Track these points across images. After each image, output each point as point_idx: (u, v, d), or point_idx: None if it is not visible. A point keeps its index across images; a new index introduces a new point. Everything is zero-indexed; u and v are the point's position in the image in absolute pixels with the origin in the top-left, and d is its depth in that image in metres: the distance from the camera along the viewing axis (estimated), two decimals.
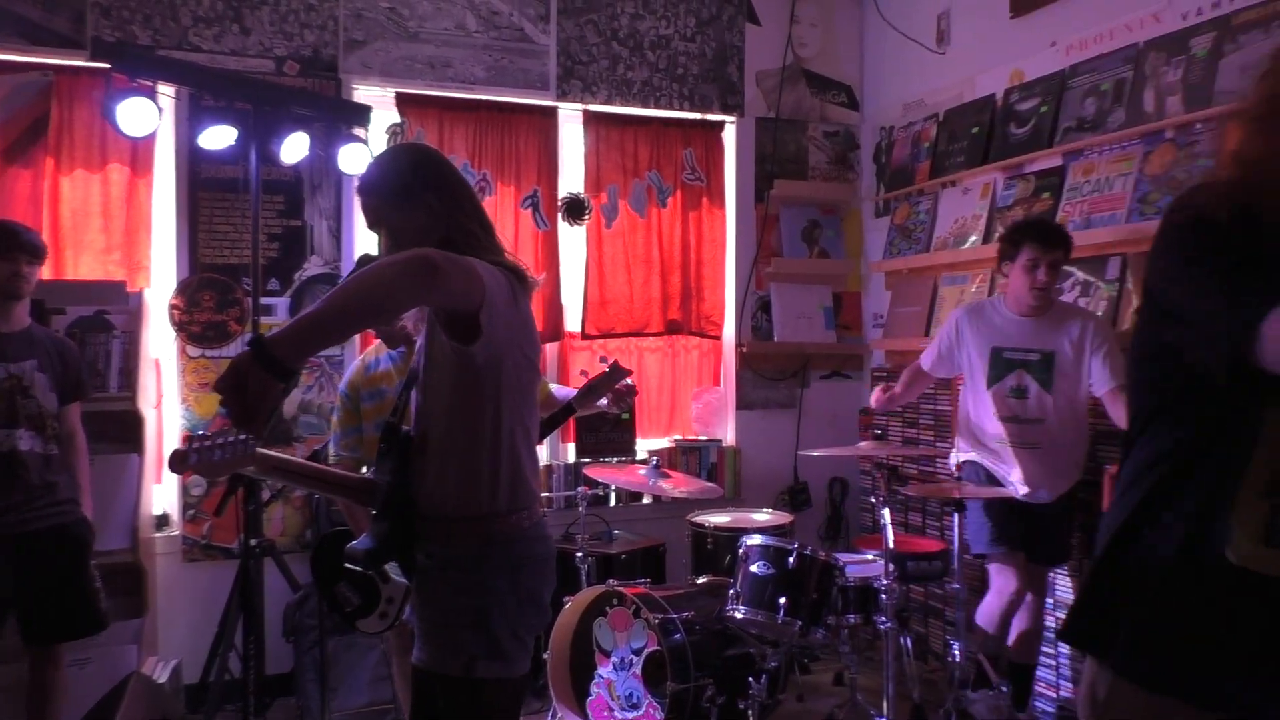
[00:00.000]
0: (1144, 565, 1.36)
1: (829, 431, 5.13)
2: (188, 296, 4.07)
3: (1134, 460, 1.41)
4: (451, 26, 4.50)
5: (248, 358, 1.46)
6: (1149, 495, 1.37)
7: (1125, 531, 1.39)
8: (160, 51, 4.04)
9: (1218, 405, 1.29)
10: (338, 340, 1.75)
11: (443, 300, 1.72)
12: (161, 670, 3.58)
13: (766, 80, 5.12)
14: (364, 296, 1.57)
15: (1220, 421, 1.29)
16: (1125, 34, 3.62)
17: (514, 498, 1.90)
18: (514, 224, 4.60)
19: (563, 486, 4.64)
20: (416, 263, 1.60)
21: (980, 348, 3.50)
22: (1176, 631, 1.31)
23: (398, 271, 1.60)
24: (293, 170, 4.18)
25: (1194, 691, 1.29)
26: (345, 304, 1.55)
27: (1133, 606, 1.35)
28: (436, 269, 1.60)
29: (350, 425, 3.09)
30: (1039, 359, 3.38)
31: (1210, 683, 1.28)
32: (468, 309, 1.72)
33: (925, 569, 3.81)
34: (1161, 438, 1.37)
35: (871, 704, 3.50)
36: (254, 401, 1.47)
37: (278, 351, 1.47)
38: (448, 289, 1.66)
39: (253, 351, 1.46)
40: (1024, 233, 3.36)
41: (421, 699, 1.92)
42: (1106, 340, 3.30)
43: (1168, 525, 1.33)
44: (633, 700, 3.36)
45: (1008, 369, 3.44)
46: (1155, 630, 1.33)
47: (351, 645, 3.91)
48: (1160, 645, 1.33)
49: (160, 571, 3.98)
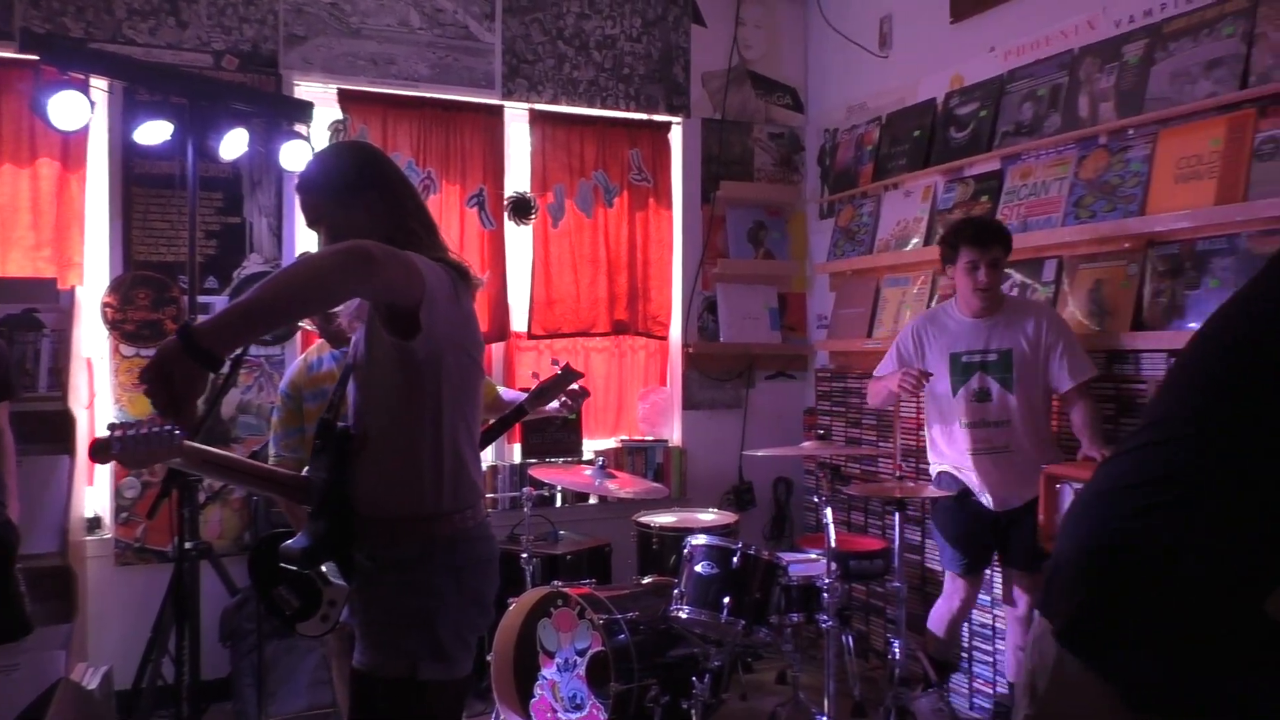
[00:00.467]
0: (1175, 585, 1.25)
1: (774, 432, 5.16)
2: (121, 294, 3.98)
3: (1189, 463, 1.29)
4: (394, 23, 4.45)
5: (174, 346, 1.42)
6: (1205, 514, 1.25)
7: (1147, 536, 1.28)
8: (93, 44, 3.94)
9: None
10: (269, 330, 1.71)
11: (379, 292, 1.69)
12: (91, 676, 3.49)
13: (712, 82, 5.14)
14: (296, 286, 1.54)
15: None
16: (1061, 40, 3.70)
17: (457, 496, 1.87)
18: (459, 223, 4.56)
19: (508, 487, 4.61)
20: (352, 252, 1.57)
21: (940, 355, 3.45)
22: (1191, 665, 1.24)
23: (332, 261, 1.57)
24: (231, 167, 4.11)
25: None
26: (276, 293, 1.52)
27: (1150, 626, 1.26)
28: (372, 259, 1.57)
29: (292, 425, 3.04)
30: (997, 358, 3.33)
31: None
32: (407, 303, 1.70)
33: (867, 567, 3.85)
34: (1252, 464, 1.24)
35: (813, 702, 3.53)
36: (181, 391, 1.42)
37: (204, 341, 1.43)
38: (384, 280, 1.63)
39: (179, 340, 1.42)
40: (959, 235, 3.33)
41: (361, 702, 1.89)
42: (1062, 334, 3.27)
43: (1216, 553, 1.23)
44: (576, 701, 3.35)
45: (967, 373, 3.39)
46: (1171, 657, 1.25)
47: (291, 649, 3.85)
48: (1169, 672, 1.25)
49: (92, 575, 3.88)
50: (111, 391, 4.00)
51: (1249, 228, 2.94)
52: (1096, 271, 3.43)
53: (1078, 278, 3.50)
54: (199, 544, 3.38)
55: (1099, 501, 1.39)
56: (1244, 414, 1.25)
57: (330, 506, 1.87)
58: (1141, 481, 1.32)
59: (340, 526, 1.86)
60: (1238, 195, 2.94)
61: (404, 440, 1.84)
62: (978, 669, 3.91)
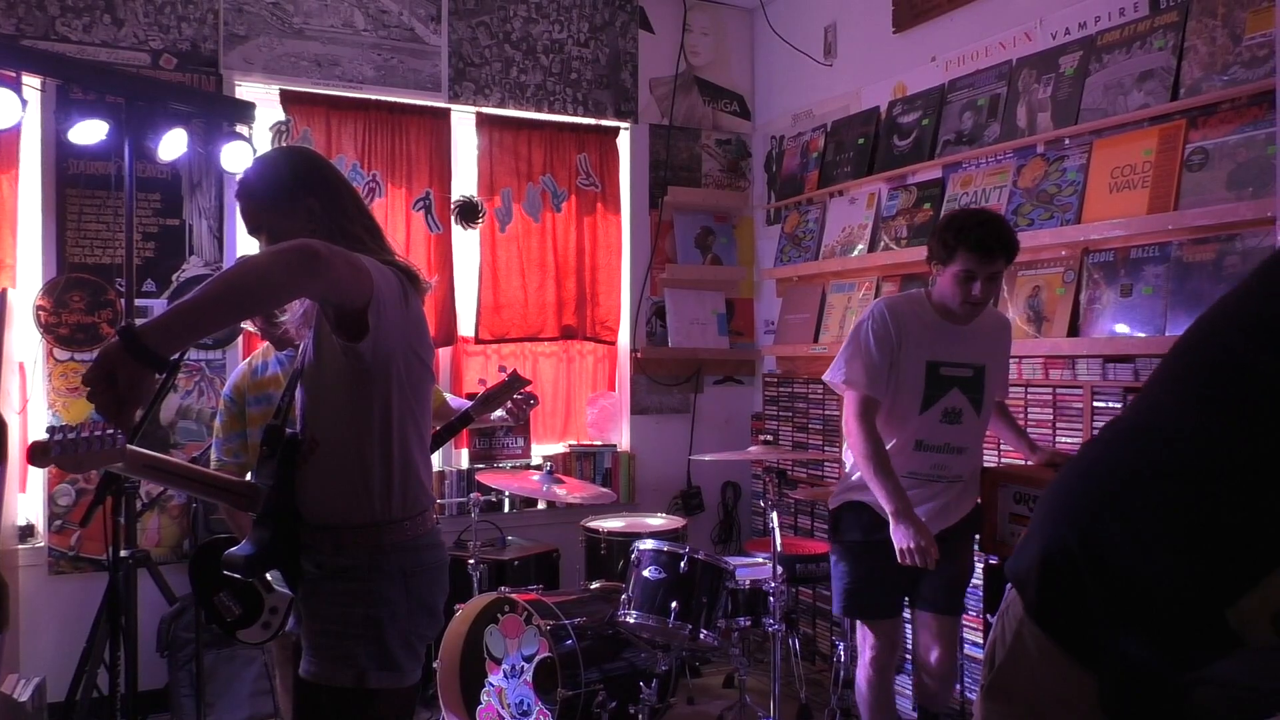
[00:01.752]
0: (1137, 573, 1.23)
1: (722, 436, 5.19)
2: (55, 297, 3.88)
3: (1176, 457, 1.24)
4: (338, 24, 4.40)
5: (117, 347, 1.39)
6: (1182, 514, 1.21)
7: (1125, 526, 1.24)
8: (25, 41, 3.84)
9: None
10: (215, 330, 1.68)
11: (327, 291, 1.66)
12: (23, 689, 3.39)
13: (660, 87, 5.16)
14: (241, 285, 1.52)
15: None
16: (1000, 51, 3.77)
17: (406, 502, 1.86)
18: (405, 227, 4.52)
19: (455, 493, 4.58)
20: (298, 251, 1.56)
21: (915, 360, 2.83)
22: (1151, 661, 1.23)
23: (278, 259, 1.55)
24: (170, 168, 4.03)
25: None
26: (222, 292, 1.50)
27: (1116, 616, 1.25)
28: (318, 257, 1.56)
29: (235, 430, 2.99)
30: (971, 375, 2.87)
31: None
32: (355, 304, 1.68)
33: (813, 571, 3.88)
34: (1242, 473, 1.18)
35: (760, 705, 3.55)
36: (125, 393, 1.40)
37: (148, 340, 1.40)
38: (331, 279, 1.61)
39: (122, 341, 1.39)
40: (961, 237, 2.73)
41: (308, 712, 1.86)
42: (1009, 348, 3.08)
43: (1191, 552, 1.19)
44: (523, 708, 3.33)
45: (944, 388, 2.85)
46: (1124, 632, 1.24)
47: (232, 658, 3.78)
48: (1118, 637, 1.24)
49: (24, 585, 3.77)
50: (45, 396, 3.89)
51: (1179, 236, 3.02)
52: (1034, 278, 3.51)
53: (1016, 284, 3.57)
54: (136, 552, 3.31)
55: (1083, 482, 1.36)
56: (1220, 417, 1.23)
57: (276, 514, 1.84)
58: (1124, 473, 1.29)
59: (285, 534, 1.84)
60: (1169, 205, 3.02)
61: (352, 446, 1.82)
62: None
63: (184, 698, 3.67)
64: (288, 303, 1.84)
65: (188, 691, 3.64)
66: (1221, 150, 2.91)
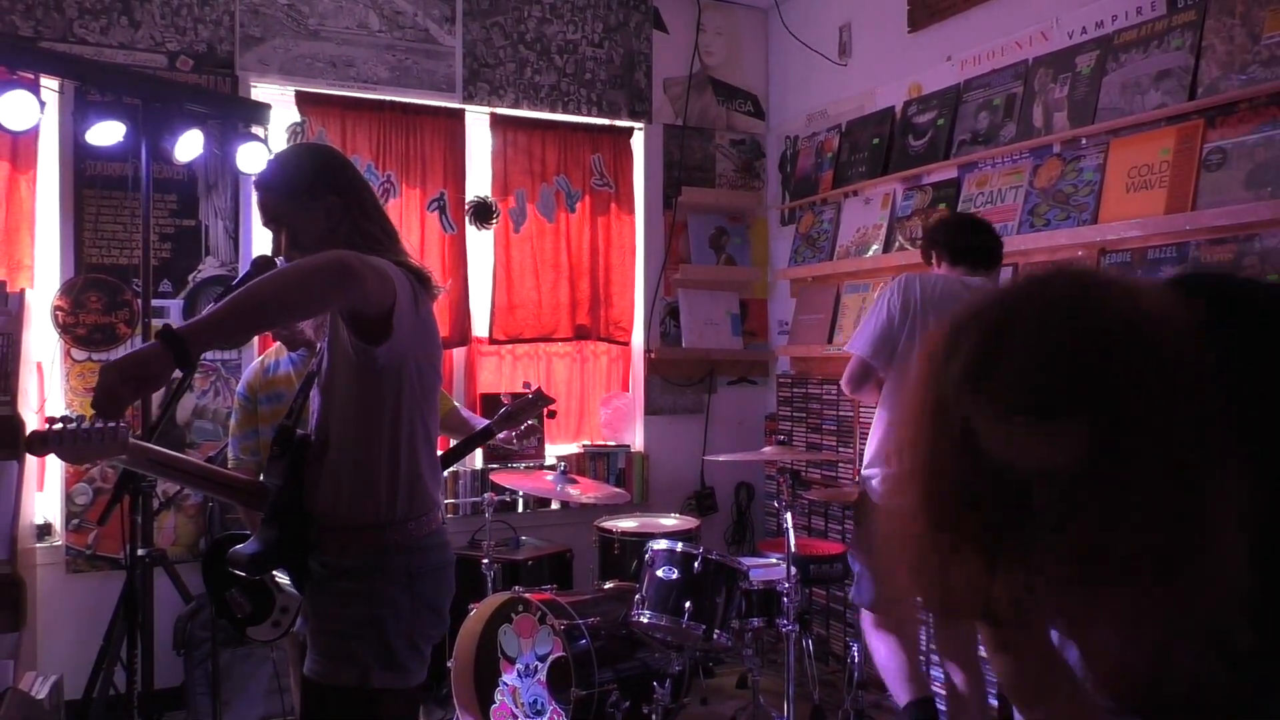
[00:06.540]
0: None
1: (735, 437, 5.18)
2: (73, 298, 3.91)
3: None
4: (353, 25, 4.42)
5: (159, 351, 1.44)
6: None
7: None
8: (43, 43, 3.87)
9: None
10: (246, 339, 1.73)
11: (356, 302, 1.69)
12: (40, 686, 3.42)
13: (674, 88, 5.16)
14: (281, 297, 1.57)
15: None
16: (1015, 51, 3.75)
17: (411, 504, 1.87)
18: (420, 227, 4.53)
19: (470, 493, 4.59)
20: (333, 265, 1.60)
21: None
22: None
23: (315, 272, 1.59)
24: (186, 169, 4.05)
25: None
26: (262, 301, 1.54)
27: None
28: (353, 272, 1.60)
29: (248, 428, 3.01)
30: None
31: None
32: (378, 312, 1.71)
33: (827, 572, 3.88)
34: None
35: (773, 706, 3.54)
36: (138, 394, 1.44)
37: (191, 345, 1.47)
38: (362, 291, 1.64)
39: (167, 345, 1.44)
40: (950, 249, 2.88)
41: (313, 711, 1.87)
42: None
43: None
44: (537, 707, 3.34)
45: None
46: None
47: (247, 657, 3.80)
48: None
49: (41, 583, 3.80)
50: (63, 396, 3.92)
51: (1197, 237, 3.00)
52: None
53: None
54: (152, 551, 3.32)
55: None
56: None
57: (283, 513, 1.86)
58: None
59: (292, 534, 1.85)
60: (1186, 205, 3.00)
61: (361, 447, 1.84)
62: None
63: (199, 696, 3.68)
64: (321, 314, 1.86)
65: (203, 690, 3.66)
66: (1240, 150, 2.89)
